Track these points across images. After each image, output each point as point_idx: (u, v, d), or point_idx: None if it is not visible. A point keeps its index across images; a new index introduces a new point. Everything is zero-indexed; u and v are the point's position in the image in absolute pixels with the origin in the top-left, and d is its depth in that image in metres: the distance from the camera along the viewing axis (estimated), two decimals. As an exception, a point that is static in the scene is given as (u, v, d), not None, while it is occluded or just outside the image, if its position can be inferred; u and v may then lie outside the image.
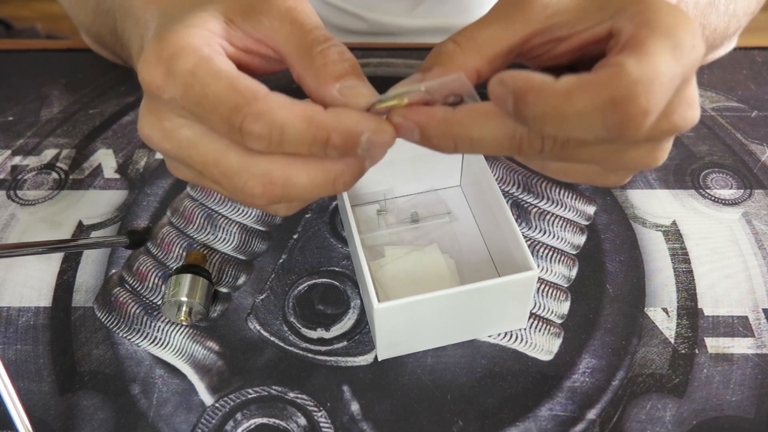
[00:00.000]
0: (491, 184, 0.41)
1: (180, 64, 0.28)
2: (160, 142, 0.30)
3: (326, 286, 0.44)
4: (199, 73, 0.27)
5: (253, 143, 0.28)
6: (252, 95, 0.27)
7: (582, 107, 0.24)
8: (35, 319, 0.42)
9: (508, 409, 0.38)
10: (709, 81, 0.57)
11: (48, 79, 0.58)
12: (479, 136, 0.28)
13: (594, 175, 0.31)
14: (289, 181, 0.29)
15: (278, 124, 0.27)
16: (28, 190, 0.50)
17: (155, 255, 0.45)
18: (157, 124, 0.30)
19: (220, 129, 0.28)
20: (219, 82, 0.27)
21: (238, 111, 0.27)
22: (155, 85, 0.28)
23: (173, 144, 0.30)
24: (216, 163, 0.29)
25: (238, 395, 0.39)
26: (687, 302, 0.42)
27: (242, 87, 0.27)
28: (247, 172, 0.29)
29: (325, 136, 0.27)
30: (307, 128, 0.27)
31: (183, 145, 0.30)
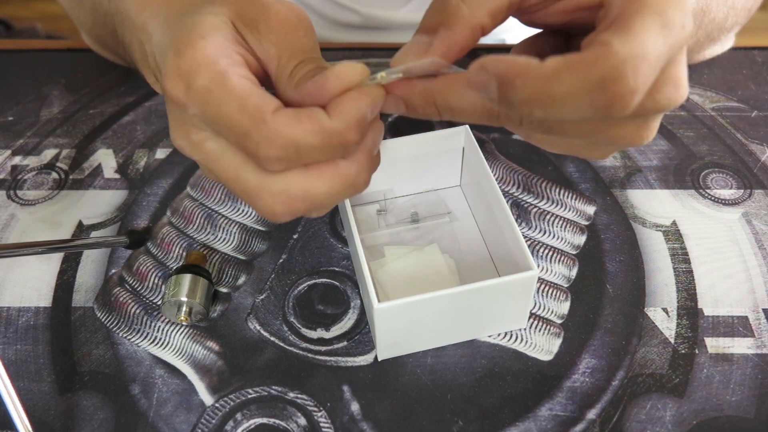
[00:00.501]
0: (491, 184, 0.41)
1: (198, 81, 0.28)
2: (190, 153, 0.31)
3: (326, 286, 0.44)
4: (214, 91, 0.28)
5: (273, 166, 0.28)
6: (260, 118, 0.27)
7: (569, 88, 0.24)
8: (35, 319, 0.42)
9: (508, 409, 0.38)
10: (709, 81, 0.57)
11: (48, 79, 0.58)
12: (458, 105, 0.28)
13: (579, 148, 0.31)
14: (308, 194, 0.29)
15: (292, 144, 0.27)
16: (28, 190, 0.50)
17: (155, 255, 0.45)
18: (185, 137, 0.30)
19: (237, 146, 0.29)
20: (230, 103, 0.28)
21: (248, 137, 0.28)
22: (179, 101, 0.29)
23: (201, 156, 0.30)
24: (236, 180, 0.30)
25: (238, 395, 0.39)
26: (687, 302, 0.42)
27: (251, 108, 0.27)
28: (266, 191, 0.29)
29: (340, 140, 0.28)
30: (321, 140, 0.27)
31: (210, 158, 0.30)
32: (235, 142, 0.28)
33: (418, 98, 0.29)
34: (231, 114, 0.27)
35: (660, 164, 0.50)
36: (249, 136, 0.27)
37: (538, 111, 0.25)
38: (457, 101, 0.28)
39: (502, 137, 0.52)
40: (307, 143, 0.27)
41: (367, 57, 0.60)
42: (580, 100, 0.24)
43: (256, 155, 0.28)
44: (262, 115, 0.27)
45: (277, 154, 0.27)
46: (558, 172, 0.50)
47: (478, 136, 0.52)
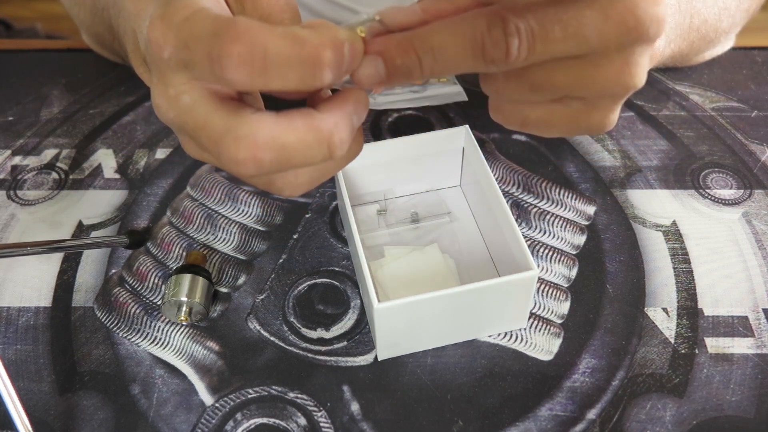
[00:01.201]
0: (491, 184, 0.41)
1: (178, 15, 0.27)
2: (166, 110, 0.29)
3: (326, 286, 0.44)
4: (192, 18, 0.26)
5: (234, 72, 0.26)
6: (233, 20, 0.25)
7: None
8: (35, 319, 0.42)
9: (508, 409, 0.38)
10: (709, 81, 0.57)
11: (48, 79, 0.58)
12: (440, 43, 0.27)
13: (578, 116, 0.30)
14: (276, 142, 0.27)
15: (260, 45, 0.25)
16: (28, 190, 0.50)
17: (155, 255, 0.45)
18: (163, 92, 0.29)
19: (205, 72, 0.27)
20: (205, 20, 0.26)
21: (216, 36, 0.25)
22: (157, 44, 0.28)
23: (176, 110, 0.29)
24: (204, 127, 0.28)
25: (238, 395, 0.39)
26: (687, 302, 0.42)
27: (223, 20, 0.26)
28: (231, 135, 0.27)
29: (314, 53, 0.25)
30: (292, 46, 0.25)
31: (182, 111, 0.29)
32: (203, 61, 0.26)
33: (395, 49, 0.27)
34: (203, 26, 0.26)
35: (660, 164, 0.50)
36: (217, 35, 0.25)
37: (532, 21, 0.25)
38: (438, 38, 0.27)
39: (502, 137, 0.52)
40: (278, 48, 0.25)
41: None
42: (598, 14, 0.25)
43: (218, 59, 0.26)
44: (234, 21, 0.26)
45: (240, 52, 0.25)
46: (558, 172, 0.50)
47: (478, 136, 0.52)
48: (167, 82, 0.29)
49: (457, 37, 0.27)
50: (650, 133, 0.53)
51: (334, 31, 0.26)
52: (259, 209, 0.48)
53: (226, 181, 0.49)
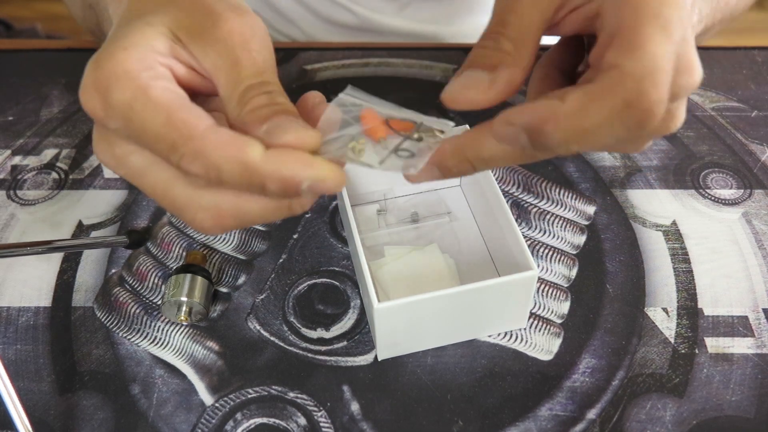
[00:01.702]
0: (491, 184, 0.41)
1: (117, 96, 0.27)
2: (115, 168, 0.29)
3: (326, 286, 0.44)
4: (136, 106, 0.26)
5: (194, 181, 0.27)
6: (188, 133, 0.26)
7: (598, 119, 0.25)
8: (35, 319, 0.42)
9: (508, 409, 0.38)
10: (709, 81, 0.57)
11: (48, 79, 0.58)
12: (491, 155, 0.28)
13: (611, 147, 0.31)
14: (239, 212, 0.28)
15: (214, 166, 0.26)
16: (28, 190, 0.50)
17: (155, 255, 0.45)
18: (108, 150, 0.29)
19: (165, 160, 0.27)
20: (156, 118, 0.26)
21: (174, 150, 0.26)
22: (97, 116, 0.27)
23: (126, 171, 0.29)
24: (165, 195, 0.29)
25: (238, 395, 0.39)
26: (687, 302, 0.42)
27: (179, 122, 0.26)
28: (195, 205, 0.28)
29: (260, 182, 0.26)
30: (242, 173, 0.26)
31: (136, 173, 0.29)
32: (162, 156, 0.27)
33: (450, 159, 0.29)
34: (156, 128, 0.26)
35: (660, 164, 0.50)
36: (175, 149, 0.26)
37: (574, 146, 0.26)
38: (489, 152, 0.28)
39: (502, 137, 0.52)
40: (229, 172, 0.26)
41: (367, 56, 0.60)
42: (611, 126, 0.25)
43: (178, 167, 0.27)
44: (190, 130, 0.26)
45: (197, 171, 0.26)
46: (558, 172, 0.50)
47: (478, 136, 0.52)
48: (112, 143, 0.29)
49: (507, 149, 0.28)
50: (650, 133, 0.53)
51: (297, 164, 0.26)
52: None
53: (226, 181, 0.49)
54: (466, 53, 0.63)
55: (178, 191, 0.28)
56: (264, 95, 0.28)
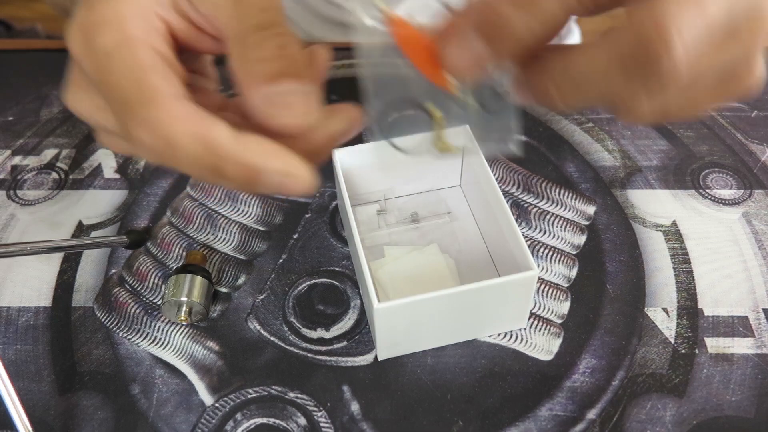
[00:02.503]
0: (491, 183, 0.41)
1: (99, 40, 0.25)
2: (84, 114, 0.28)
3: (326, 286, 0.44)
4: (114, 56, 0.24)
5: (141, 152, 0.25)
6: (150, 96, 0.24)
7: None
8: (35, 319, 0.42)
9: (508, 409, 0.38)
10: (709, 81, 0.57)
11: (48, 79, 0.58)
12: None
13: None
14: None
15: (169, 140, 0.23)
16: (28, 190, 0.50)
17: (155, 255, 0.45)
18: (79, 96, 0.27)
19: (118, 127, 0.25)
20: (128, 73, 0.24)
21: (129, 110, 0.24)
22: (76, 55, 0.26)
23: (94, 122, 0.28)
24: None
25: (238, 395, 0.39)
26: (687, 302, 0.42)
27: (147, 85, 0.24)
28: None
29: (219, 166, 0.24)
30: (201, 152, 0.23)
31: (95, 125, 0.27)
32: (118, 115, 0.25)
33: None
34: (124, 84, 0.24)
35: (660, 164, 0.50)
36: (130, 110, 0.24)
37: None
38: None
39: (502, 137, 0.52)
40: (185, 149, 0.23)
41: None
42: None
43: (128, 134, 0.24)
44: (154, 95, 0.24)
45: (147, 142, 0.24)
46: (558, 172, 0.50)
47: (478, 136, 0.52)
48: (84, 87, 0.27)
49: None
50: (650, 133, 0.53)
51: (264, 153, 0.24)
52: (259, 209, 0.48)
53: (226, 181, 0.49)
54: (466, 53, 0.62)
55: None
56: (274, 38, 0.25)
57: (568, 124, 0.53)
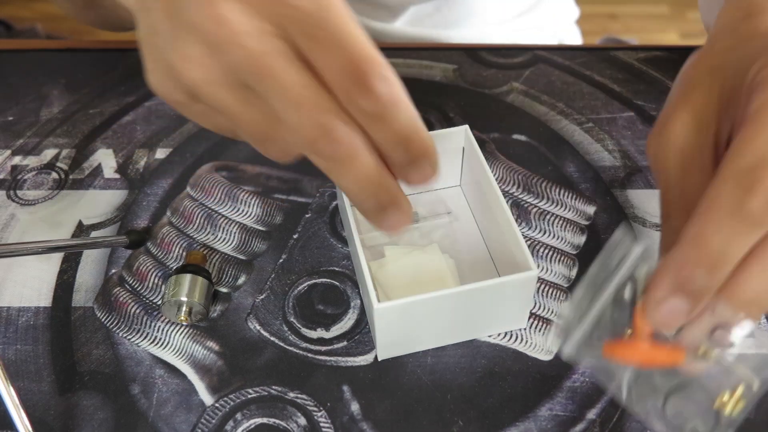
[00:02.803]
0: (491, 184, 0.41)
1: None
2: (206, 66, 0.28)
3: (326, 286, 0.44)
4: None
5: (371, 103, 0.26)
6: (383, 59, 0.26)
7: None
8: (35, 319, 0.42)
9: (508, 409, 0.38)
10: (709, 81, 0.57)
11: (48, 79, 0.58)
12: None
13: None
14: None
15: (400, 97, 0.27)
16: (28, 190, 0.50)
17: (155, 255, 0.45)
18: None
19: (333, 69, 0.26)
20: (354, 22, 0.26)
21: (372, 63, 0.26)
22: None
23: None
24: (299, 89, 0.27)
25: (238, 395, 0.39)
26: (687, 302, 0.42)
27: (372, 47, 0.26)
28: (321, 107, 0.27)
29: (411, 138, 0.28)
30: (414, 116, 0.27)
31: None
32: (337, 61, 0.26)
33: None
34: (357, 33, 0.26)
35: None
36: (373, 62, 0.26)
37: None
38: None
39: (502, 137, 0.52)
40: (407, 109, 0.27)
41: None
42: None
43: (364, 82, 0.26)
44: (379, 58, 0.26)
45: (384, 91, 0.26)
46: (558, 172, 0.50)
47: (478, 136, 0.52)
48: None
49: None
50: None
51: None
52: (259, 209, 0.48)
53: (226, 181, 0.49)
54: (466, 53, 0.63)
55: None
56: None
57: (568, 124, 0.53)
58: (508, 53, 0.59)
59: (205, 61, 0.28)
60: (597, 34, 1.32)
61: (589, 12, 0.98)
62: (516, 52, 0.59)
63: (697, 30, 1.86)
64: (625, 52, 0.60)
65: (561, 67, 0.58)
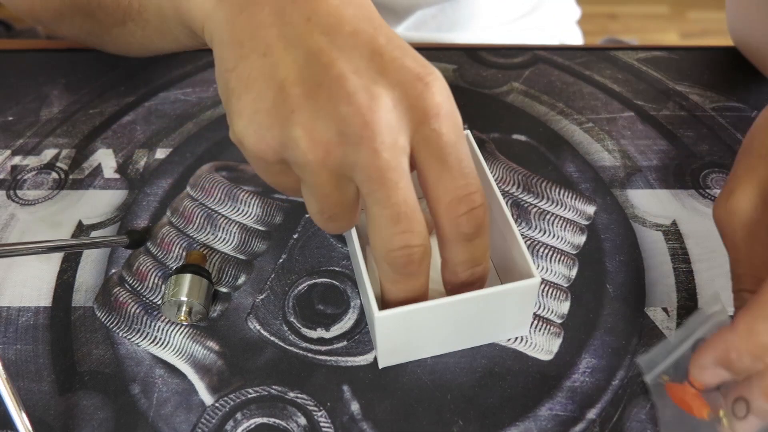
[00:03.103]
0: (492, 187, 0.41)
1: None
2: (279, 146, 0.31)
3: (326, 286, 0.44)
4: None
5: (469, 227, 0.31)
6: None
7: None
8: (35, 319, 0.42)
9: (508, 409, 0.38)
10: (709, 81, 0.57)
11: (48, 79, 0.58)
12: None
13: None
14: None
15: (487, 226, 0.32)
16: (27, 190, 0.50)
17: (155, 255, 0.45)
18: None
19: (448, 193, 0.31)
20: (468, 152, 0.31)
21: (479, 193, 0.31)
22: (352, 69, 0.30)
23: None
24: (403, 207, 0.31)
25: (238, 395, 0.39)
26: (687, 302, 0.42)
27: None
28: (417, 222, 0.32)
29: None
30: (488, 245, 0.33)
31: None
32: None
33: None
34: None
35: (660, 164, 0.50)
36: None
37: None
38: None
39: (502, 137, 0.52)
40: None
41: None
42: None
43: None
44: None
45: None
46: (558, 172, 0.50)
47: (477, 136, 0.52)
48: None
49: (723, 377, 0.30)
50: (650, 133, 0.53)
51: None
52: (259, 209, 0.48)
53: (226, 181, 0.49)
54: (466, 53, 0.63)
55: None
56: None
57: (568, 124, 0.53)
58: (508, 53, 0.59)
59: (333, 149, 0.28)
60: (597, 34, 1.32)
61: (589, 12, 0.98)
62: (516, 52, 0.59)
63: (697, 30, 1.86)
64: (625, 52, 0.60)
65: (561, 67, 0.58)
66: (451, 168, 0.30)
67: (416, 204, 0.31)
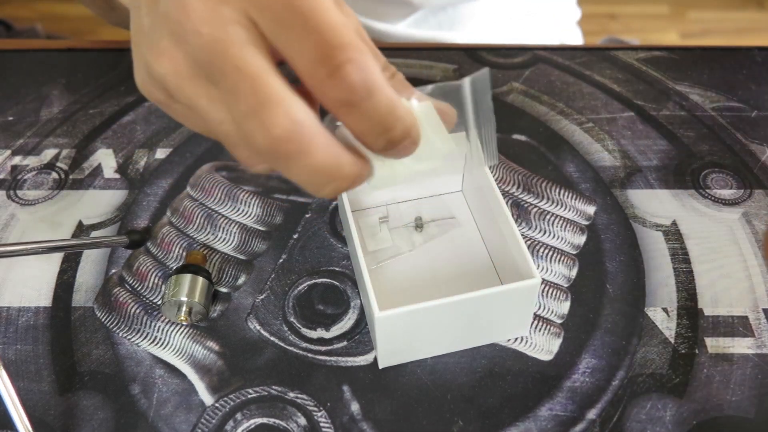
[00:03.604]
0: (493, 189, 0.41)
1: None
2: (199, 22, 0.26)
3: (326, 286, 0.44)
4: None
5: (341, 92, 0.24)
6: (361, 43, 0.24)
7: None
8: (35, 319, 0.42)
9: (508, 409, 0.38)
10: (709, 81, 0.57)
11: (48, 79, 0.58)
12: None
13: None
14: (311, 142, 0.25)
15: (375, 85, 0.25)
16: (28, 190, 0.50)
17: (155, 255, 0.45)
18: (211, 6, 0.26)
19: (303, 56, 0.25)
20: (331, 6, 0.25)
21: (344, 48, 0.24)
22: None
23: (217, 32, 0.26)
24: (256, 80, 0.25)
25: (238, 395, 0.39)
26: (687, 302, 0.42)
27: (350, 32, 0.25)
28: (279, 98, 0.25)
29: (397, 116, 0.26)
30: (393, 103, 0.25)
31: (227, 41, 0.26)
32: (309, 49, 0.24)
33: None
34: (336, 19, 0.24)
35: (660, 164, 0.50)
36: (345, 48, 0.24)
37: None
38: None
39: (502, 137, 0.52)
40: (381, 95, 0.25)
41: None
42: None
43: (336, 68, 0.24)
44: (359, 42, 0.24)
45: (357, 80, 0.24)
46: (558, 172, 0.50)
47: (478, 136, 0.52)
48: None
49: None
50: (650, 133, 0.53)
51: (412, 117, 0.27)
52: (259, 209, 0.48)
53: (226, 181, 0.49)
54: (466, 53, 0.63)
55: (273, 79, 0.25)
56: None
57: (568, 124, 0.53)
58: (508, 53, 0.59)
59: (172, 52, 0.26)
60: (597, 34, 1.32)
61: (590, 12, 0.98)
62: (516, 52, 0.59)
63: (697, 30, 1.86)
64: (625, 52, 0.60)
65: (561, 67, 0.58)
66: (293, 26, 0.25)
67: (270, 69, 0.25)
